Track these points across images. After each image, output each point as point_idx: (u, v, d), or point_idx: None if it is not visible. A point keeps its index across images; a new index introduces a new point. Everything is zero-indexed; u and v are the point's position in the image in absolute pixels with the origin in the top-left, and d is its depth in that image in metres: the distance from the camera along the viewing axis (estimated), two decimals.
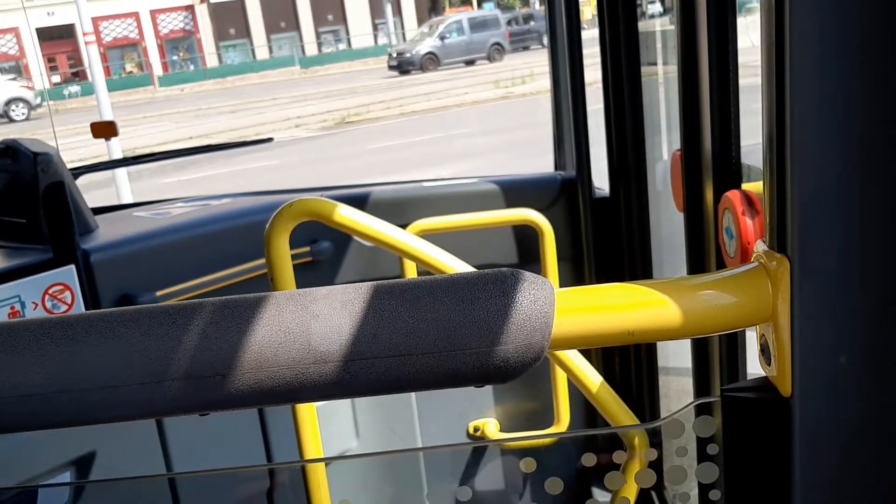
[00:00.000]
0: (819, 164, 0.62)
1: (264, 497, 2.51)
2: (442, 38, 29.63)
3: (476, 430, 2.88)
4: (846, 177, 0.63)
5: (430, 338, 0.65)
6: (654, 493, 2.26)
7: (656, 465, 0.96)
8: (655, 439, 1.85)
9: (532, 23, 34.68)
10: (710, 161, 1.58)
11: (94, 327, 0.65)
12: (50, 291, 2.12)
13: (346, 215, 1.78)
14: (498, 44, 30.24)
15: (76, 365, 0.64)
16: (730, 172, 1.55)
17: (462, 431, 2.89)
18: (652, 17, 2.57)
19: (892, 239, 0.63)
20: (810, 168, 0.63)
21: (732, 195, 1.39)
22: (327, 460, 2.25)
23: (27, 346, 0.65)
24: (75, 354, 0.64)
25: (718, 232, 1.48)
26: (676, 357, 2.54)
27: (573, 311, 0.68)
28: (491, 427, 2.88)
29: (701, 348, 1.78)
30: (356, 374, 0.65)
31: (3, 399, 0.64)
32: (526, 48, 32.86)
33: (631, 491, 1.51)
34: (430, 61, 29.17)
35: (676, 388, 2.56)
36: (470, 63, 29.34)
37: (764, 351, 0.70)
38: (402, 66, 28.92)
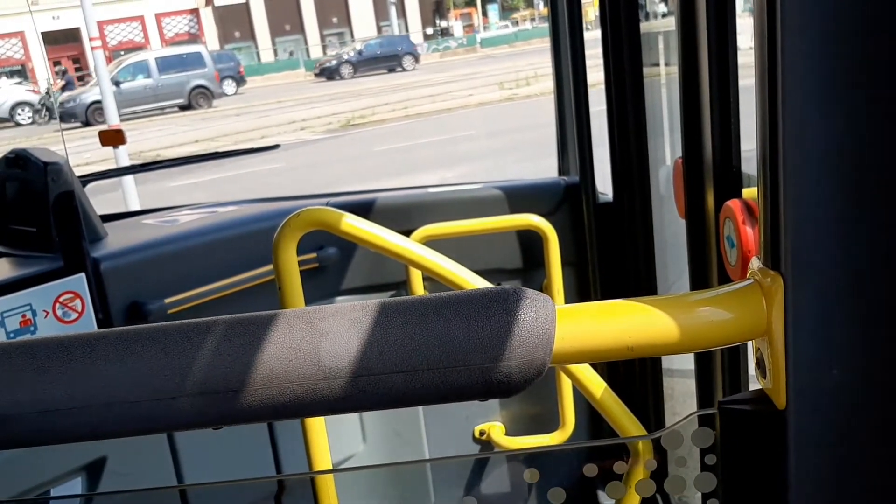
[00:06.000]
0: (811, 184, 0.64)
1: (272, 500, 2.53)
2: (116, 82, 23.04)
3: (482, 433, 2.90)
4: (838, 196, 0.64)
5: (435, 354, 0.67)
6: (659, 499, 2.27)
7: (658, 474, 0.98)
8: (658, 447, 1.86)
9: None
10: (710, 170, 1.60)
11: (112, 345, 0.67)
12: (60, 300, 2.14)
13: (353, 224, 1.80)
14: (202, 87, 25.45)
15: (95, 381, 0.66)
16: (730, 181, 1.56)
17: (468, 435, 2.90)
18: (656, 16, 2.57)
19: (882, 256, 0.65)
20: (803, 188, 0.64)
21: (733, 204, 1.41)
22: (336, 472, 2.26)
23: (48, 363, 0.67)
24: (94, 371, 0.66)
25: (720, 240, 1.50)
26: (681, 360, 2.55)
27: (574, 328, 0.70)
28: (497, 430, 2.90)
29: (703, 359, 1.80)
30: (364, 390, 0.67)
31: (25, 415, 0.66)
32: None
33: (634, 499, 1.53)
34: (101, 112, 22.46)
35: (681, 391, 2.57)
36: (185, 108, 24.32)
37: (759, 364, 0.72)
38: (64, 118, 23.17)
